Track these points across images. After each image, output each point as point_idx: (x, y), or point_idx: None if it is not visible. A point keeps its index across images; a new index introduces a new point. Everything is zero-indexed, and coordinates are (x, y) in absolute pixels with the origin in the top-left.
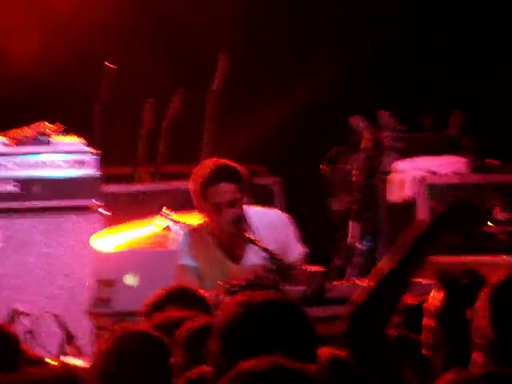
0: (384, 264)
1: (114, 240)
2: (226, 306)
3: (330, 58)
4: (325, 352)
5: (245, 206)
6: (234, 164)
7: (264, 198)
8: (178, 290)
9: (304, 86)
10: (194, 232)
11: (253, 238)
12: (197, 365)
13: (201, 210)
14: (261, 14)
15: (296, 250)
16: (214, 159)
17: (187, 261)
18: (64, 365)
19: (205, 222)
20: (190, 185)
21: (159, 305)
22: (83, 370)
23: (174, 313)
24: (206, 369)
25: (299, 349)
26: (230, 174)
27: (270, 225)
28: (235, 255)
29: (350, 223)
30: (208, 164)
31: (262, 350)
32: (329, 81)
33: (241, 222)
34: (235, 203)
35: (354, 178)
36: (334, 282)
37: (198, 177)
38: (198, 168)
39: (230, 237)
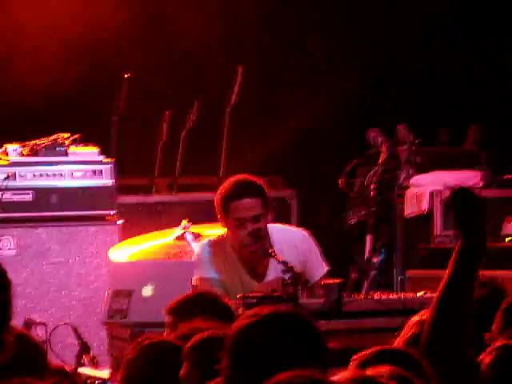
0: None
1: (131, 251)
2: (238, 319)
3: (346, 70)
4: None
5: (269, 225)
6: (256, 179)
7: (281, 211)
8: (207, 298)
9: (320, 98)
10: (215, 244)
11: (271, 251)
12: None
13: (224, 226)
14: (274, 26)
15: (320, 269)
16: (238, 175)
17: (210, 273)
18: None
19: (226, 234)
20: (215, 198)
21: (188, 311)
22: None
23: (201, 324)
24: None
25: (308, 361)
26: (253, 189)
27: (292, 243)
28: (257, 273)
29: (367, 237)
30: (231, 179)
31: (270, 364)
32: (346, 93)
33: (261, 236)
34: (259, 218)
35: (370, 192)
36: (352, 295)
37: (221, 192)
38: (224, 183)
39: (251, 253)
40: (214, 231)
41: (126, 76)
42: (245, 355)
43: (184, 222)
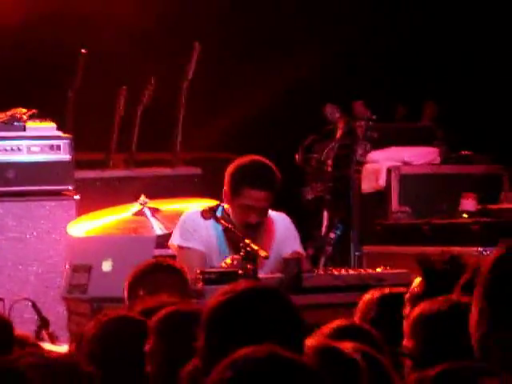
0: None
1: (89, 226)
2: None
3: (304, 45)
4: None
5: (273, 213)
6: (276, 171)
7: None
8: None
9: (277, 74)
10: (202, 215)
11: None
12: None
13: (226, 199)
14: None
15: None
16: (262, 159)
17: (192, 243)
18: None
19: (214, 207)
20: (229, 169)
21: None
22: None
23: (165, 298)
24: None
25: (286, 337)
26: (269, 182)
27: (287, 230)
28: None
29: (324, 212)
30: (252, 161)
31: (248, 340)
32: (302, 69)
33: (255, 228)
34: (264, 211)
35: (326, 168)
36: (310, 271)
37: (237, 171)
38: (243, 160)
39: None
40: (172, 206)
41: (82, 51)
42: (222, 331)
43: (142, 197)
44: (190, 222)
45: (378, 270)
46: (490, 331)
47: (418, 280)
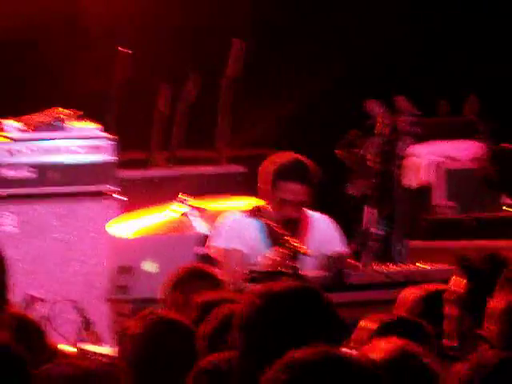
0: None
1: (132, 226)
2: (247, 297)
3: (345, 43)
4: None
5: (310, 212)
6: (311, 165)
7: None
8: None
9: (319, 71)
10: (244, 216)
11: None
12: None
13: (264, 193)
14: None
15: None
16: (296, 155)
17: (237, 245)
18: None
19: (256, 205)
20: (263, 166)
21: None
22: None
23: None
24: (219, 357)
25: (325, 337)
26: (307, 176)
27: (328, 229)
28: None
29: (365, 208)
30: (287, 156)
31: (287, 341)
32: (344, 66)
33: (295, 225)
34: (302, 204)
35: (369, 163)
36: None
37: (274, 166)
38: (277, 156)
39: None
40: (215, 205)
41: (123, 50)
42: (259, 333)
43: (184, 197)
44: (230, 223)
45: (422, 265)
46: None
47: (456, 279)
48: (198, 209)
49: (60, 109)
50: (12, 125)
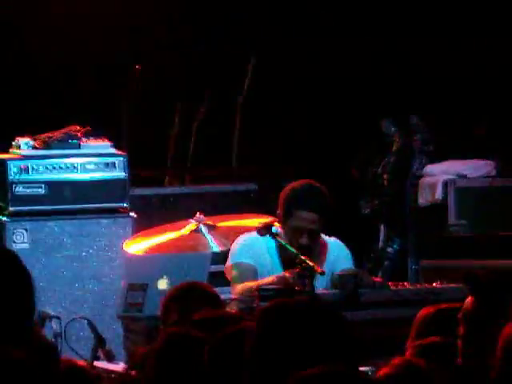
0: None
1: (146, 243)
2: (259, 315)
3: (361, 60)
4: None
5: (325, 236)
6: (326, 192)
7: None
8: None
9: (333, 88)
10: (253, 235)
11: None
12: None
13: (280, 219)
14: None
15: None
16: (311, 181)
17: (247, 259)
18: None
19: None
20: (281, 193)
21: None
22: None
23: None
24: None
25: (339, 355)
26: (320, 205)
27: (339, 250)
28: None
29: (381, 226)
30: (303, 184)
31: (300, 356)
32: (359, 84)
33: (309, 251)
34: (315, 233)
35: (383, 181)
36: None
37: (289, 194)
38: (295, 183)
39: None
40: (228, 223)
41: (137, 67)
42: (273, 350)
43: (198, 214)
44: (243, 241)
45: (436, 284)
46: None
47: (469, 299)
48: (210, 226)
49: (74, 126)
50: (27, 142)
